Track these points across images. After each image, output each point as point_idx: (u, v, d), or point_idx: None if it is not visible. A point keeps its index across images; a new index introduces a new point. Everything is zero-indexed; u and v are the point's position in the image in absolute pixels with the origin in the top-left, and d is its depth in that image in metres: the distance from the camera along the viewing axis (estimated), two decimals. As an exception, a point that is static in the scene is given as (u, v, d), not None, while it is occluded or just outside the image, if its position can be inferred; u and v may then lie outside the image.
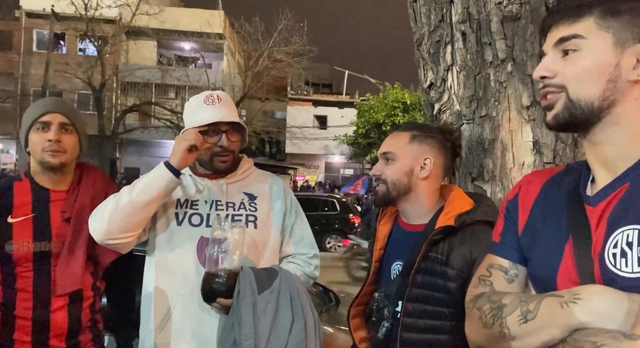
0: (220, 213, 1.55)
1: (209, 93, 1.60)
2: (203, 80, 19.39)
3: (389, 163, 1.40)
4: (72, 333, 1.56)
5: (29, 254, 1.52)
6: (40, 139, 1.55)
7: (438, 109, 1.62)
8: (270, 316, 1.37)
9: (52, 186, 1.61)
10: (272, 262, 1.60)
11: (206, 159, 1.58)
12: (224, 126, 1.55)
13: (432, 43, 1.60)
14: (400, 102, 20.29)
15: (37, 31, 21.58)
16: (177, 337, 1.47)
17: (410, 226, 1.43)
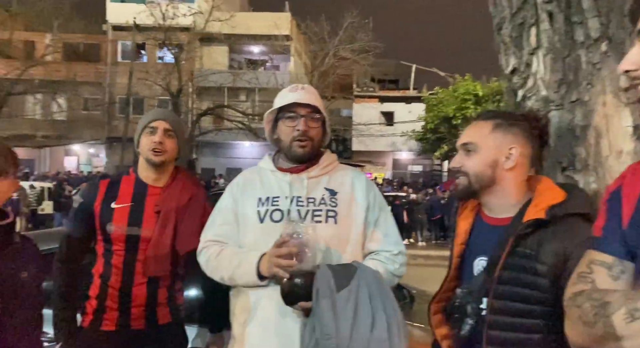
0: (297, 210, 1.53)
1: (295, 84, 1.66)
2: (272, 82, 19.92)
3: (470, 154, 1.33)
4: (150, 306, 1.83)
5: (123, 236, 1.81)
6: (148, 140, 1.85)
7: (522, 95, 1.53)
8: (351, 315, 1.33)
9: (151, 182, 1.89)
10: (354, 259, 1.53)
11: (286, 145, 1.58)
12: (302, 110, 1.55)
13: (515, 26, 1.51)
14: (472, 94, 19.48)
15: (121, 43, 23.30)
16: (262, 331, 1.49)
17: (495, 220, 1.36)
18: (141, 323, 1.82)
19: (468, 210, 1.46)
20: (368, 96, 25.68)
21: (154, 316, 1.84)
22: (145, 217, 1.83)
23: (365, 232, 1.58)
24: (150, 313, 1.83)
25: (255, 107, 22.35)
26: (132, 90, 19.78)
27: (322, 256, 1.49)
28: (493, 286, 1.25)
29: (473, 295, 1.34)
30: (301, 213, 1.52)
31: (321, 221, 1.52)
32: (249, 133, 19.70)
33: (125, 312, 1.81)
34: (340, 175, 1.62)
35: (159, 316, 1.85)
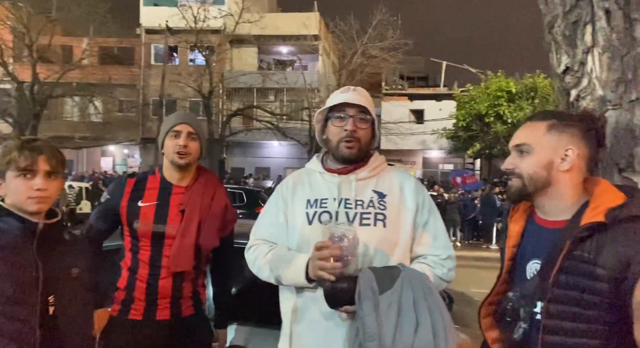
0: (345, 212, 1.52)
1: (347, 86, 1.65)
2: (300, 81, 20.00)
3: (524, 156, 1.31)
4: (175, 298, 1.93)
5: (149, 233, 1.90)
6: (172, 143, 1.92)
7: (576, 95, 1.49)
8: (394, 317, 1.32)
9: (176, 182, 1.98)
10: (403, 262, 1.51)
11: (334, 145, 1.58)
12: (351, 111, 1.55)
13: (568, 24, 1.48)
14: (505, 91, 19.02)
15: (154, 46, 23.87)
16: (310, 332, 1.50)
17: (549, 222, 1.33)
18: (166, 314, 1.91)
19: (520, 212, 1.44)
20: (397, 94, 25.43)
21: (179, 308, 1.93)
22: (170, 215, 1.92)
23: (414, 235, 1.55)
24: (175, 305, 1.93)
25: (283, 107, 22.51)
26: (164, 92, 20.23)
27: (370, 259, 1.48)
28: (548, 290, 1.23)
29: (526, 299, 1.32)
30: (349, 215, 1.51)
31: (369, 224, 1.50)
32: (278, 133, 19.86)
33: (151, 303, 1.90)
34: (389, 177, 1.60)
35: (183, 308, 1.95)
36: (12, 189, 1.39)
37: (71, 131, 22.79)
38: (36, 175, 1.40)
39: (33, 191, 1.39)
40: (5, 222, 1.39)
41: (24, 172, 1.39)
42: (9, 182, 1.40)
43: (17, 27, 18.75)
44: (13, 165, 1.39)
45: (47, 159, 1.41)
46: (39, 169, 1.40)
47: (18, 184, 1.39)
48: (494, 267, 1.60)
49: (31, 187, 1.39)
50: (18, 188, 1.39)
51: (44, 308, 1.37)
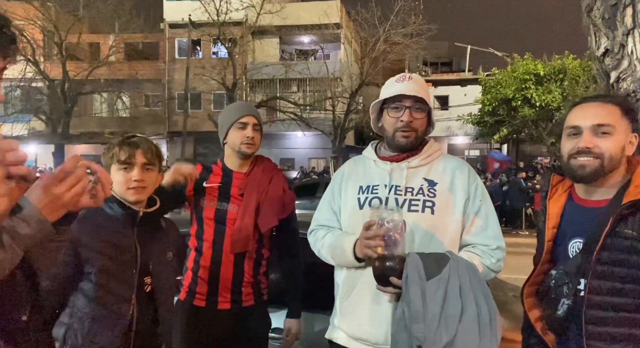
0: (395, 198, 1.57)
1: (403, 74, 1.68)
2: (323, 71, 19.96)
3: (604, 136, 1.30)
4: (236, 283, 2.01)
5: (213, 211, 2.02)
6: (239, 134, 2.03)
7: (616, 76, 1.51)
8: (439, 303, 1.36)
9: (236, 169, 2.11)
10: (451, 250, 1.55)
11: (390, 135, 1.62)
12: (408, 101, 1.58)
13: (607, 7, 1.50)
14: (532, 74, 18.57)
15: (178, 40, 24.17)
16: (357, 309, 1.58)
17: (591, 202, 1.37)
18: (227, 303, 2.00)
19: (559, 193, 1.47)
20: (421, 81, 25.11)
21: (239, 297, 2.01)
22: (232, 198, 2.04)
23: (464, 223, 1.57)
24: (236, 293, 2.01)
25: (307, 97, 22.54)
26: (189, 86, 20.53)
27: (417, 245, 1.53)
28: (592, 266, 1.27)
29: (569, 276, 1.36)
30: (398, 201, 1.56)
31: (418, 210, 1.54)
32: (302, 123, 19.94)
33: (213, 288, 1.99)
34: (441, 166, 1.63)
35: (244, 298, 2.02)
36: (115, 181, 1.56)
37: (100, 127, 23.38)
38: (134, 168, 1.57)
39: (131, 182, 1.56)
40: (111, 208, 1.58)
41: (124, 165, 1.56)
42: (113, 174, 1.57)
43: (47, 26, 19.32)
44: (115, 159, 1.57)
45: (143, 152, 1.58)
46: (136, 161, 1.57)
47: (119, 176, 1.57)
48: (524, 253, 1.63)
49: (130, 179, 1.56)
50: (119, 180, 1.57)
51: (140, 287, 1.56)
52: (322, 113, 20.74)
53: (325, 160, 22.83)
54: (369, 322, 1.55)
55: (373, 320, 1.54)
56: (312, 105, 21.06)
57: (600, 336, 1.28)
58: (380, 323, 1.53)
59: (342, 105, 20.08)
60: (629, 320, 1.26)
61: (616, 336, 1.26)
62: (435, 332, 1.33)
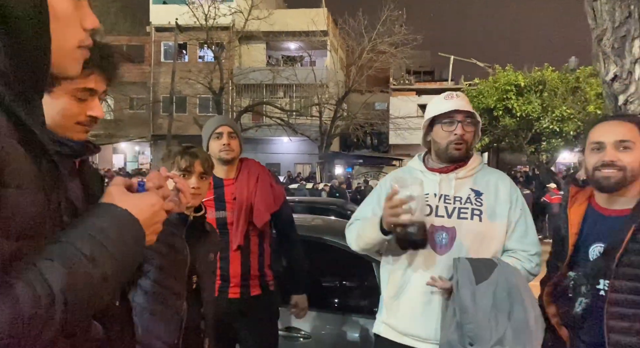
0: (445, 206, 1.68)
1: (449, 92, 1.83)
2: (310, 77, 20.16)
3: (626, 151, 1.45)
4: (244, 276, 2.22)
5: (214, 219, 2.17)
6: (217, 144, 2.25)
7: (624, 99, 1.71)
8: (489, 304, 1.48)
9: (224, 176, 2.29)
10: (496, 255, 1.68)
11: (442, 147, 1.74)
12: (459, 116, 1.71)
13: (617, 38, 1.70)
14: (513, 85, 19.11)
15: (164, 43, 24.08)
16: (410, 306, 1.71)
17: (613, 211, 1.53)
18: (237, 293, 2.21)
19: (579, 202, 1.63)
20: (405, 89, 25.57)
21: (247, 288, 2.23)
22: (227, 205, 2.24)
23: (507, 230, 1.70)
24: (244, 285, 2.22)
25: (293, 103, 22.68)
26: (175, 89, 20.46)
27: (467, 249, 1.66)
28: (613, 268, 1.44)
29: (588, 277, 1.52)
30: (448, 209, 1.70)
31: (467, 218, 1.68)
32: (288, 129, 20.06)
33: (224, 282, 2.19)
34: (486, 177, 1.77)
35: (251, 288, 2.24)
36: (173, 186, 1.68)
37: (83, 129, 22.99)
38: (192, 176, 1.70)
39: (189, 188, 1.64)
40: None
41: (183, 173, 1.68)
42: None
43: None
44: (176, 166, 1.69)
45: (201, 162, 1.71)
46: (195, 170, 1.70)
47: None
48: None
49: (188, 185, 1.63)
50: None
51: (189, 285, 1.67)
52: (309, 119, 20.90)
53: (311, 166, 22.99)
54: (421, 319, 1.68)
55: (424, 317, 1.68)
56: (298, 111, 21.21)
57: (620, 329, 1.44)
58: (430, 321, 1.66)
59: (329, 111, 20.29)
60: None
61: (634, 330, 1.42)
62: (486, 330, 1.47)
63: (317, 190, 14.61)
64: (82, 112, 1.06)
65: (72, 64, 0.74)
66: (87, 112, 1.06)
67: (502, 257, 1.71)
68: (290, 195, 13.35)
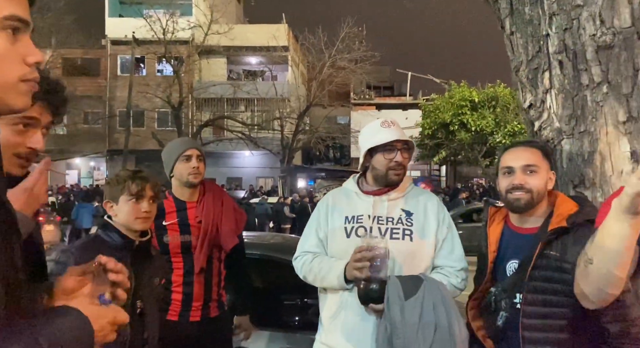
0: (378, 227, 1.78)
1: (384, 119, 1.91)
2: (271, 92, 20.23)
3: (532, 175, 1.58)
4: (206, 300, 2.23)
5: (178, 244, 2.18)
6: (185, 166, 2.22)
7: (539, 126, 1.85)
8: (417, 319, 1.56)
9: (187, 199, 2.28)
10: (427, 273, 1.76)
11: (382, 173, 1.81)
12: (398, 144, 1.79)
13: (530, 70, 1.84)
14: (468, 101, 19.86)
15: (120, 57, 23.58)
16: (345, 327, 1.76)
17: (524, 229, 1.65)
18: (197, 316, 2.22)
19: (496, 222, 1.75)
20: (365, 104, 26.07)
21: (207, 310, 2.24)
22: (192, 228, 2.22)
23: (435, 248, 1.80)
24: (205, 308, 2.22)
25: (254, 117, 22.66)
26: (132, 103, 20.04)
27: (399, 268, 1.74)
28: (526, 282, 1.55)
29: (507, 292, 1.63)
30: (381, 230, 1.77)
31: (399, 238, 1.76)
32: (249, 143, 19.99)
33: (186, 307, 2.19)
34: (415, 197, 1.86)
35: (211, 310, 2.25)
36: (123, 211, 1.69)
37: (34, 144, 22.10)
38: (144, 200, 1.70)
39: (141, 213, 1.69)
40: (110, 237, 1.70)
41: (134, 197, 1.69)
42: (122, 205, 1.69)
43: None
44: (126, 191, 1.69)
45: (152, 186, 1.72)
46: (146, 194, 1.71)
47: (128, 207, 1.69)
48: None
49: (139, 210, 1.69)
50: (128, 210, 1.69)
51: (133, 309, 1.67)
52: (270, 133, 20.93)
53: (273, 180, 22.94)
54: (357, 337, 1.74)
55: (360, 335, 1.74)
56: (260, 125, 21.20)
57: (534, 340, 1.54)
58: (366, 338, 1.72)
59: (290, 125, 20.39)
60: (557, 326, 1.54)
61: (547, 340, 1.53)
62: (414, 344, 1.55)
63: (280, 203, 14.57)
64: (22, 143, 1.04)
65: (16, 97, 0.74)
66: (27, 143, 1.04)
67: (431, 273, 1.80)
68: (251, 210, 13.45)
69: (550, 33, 1.74)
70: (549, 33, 1.75)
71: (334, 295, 1.82)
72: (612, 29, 1.62)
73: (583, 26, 1.66)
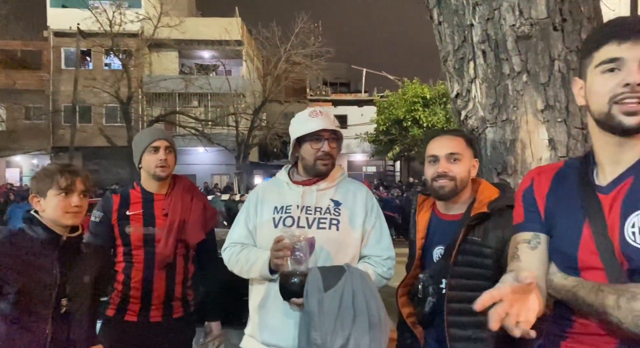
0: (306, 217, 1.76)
1: (313, 109, 1.89)
2: (225, 87, 19.85)
3: (456, 162, 1.62)
4: (167, 298, 2.11)
5: (141, 235, 2.09)
6: (152, 158, 2.12)
7: (465, 115, 1.89)
8: (335, 310, 1.54)
9: (155, 191, 2.19)
10: (355, 262, 1.76)
11: (310, 163, 1.81)
12: (326, 134, 1.78)
13: (457, 60, 1.87)
14: (420, 97, 20.30)
15: (64, 49, 22.39)
16: (270, 317, 1.74)
17: (449, 216, 1.69)
18: (159, 316, 2.11)
19: (424, 210, 1.79)
20: (322, 100, 26.11)
21: (170, 310, 2.13)
22: (157, 220, 2.13)
23: (362, 237, 1.80)
24: (167, 307, 2.12)
25: (208, 113, 22.18)
26: (78, 98, 19.13)
27: (324, 258, 1.72)
28: (450, 268, 1.58)
29: (434, 278, 1.66)
30: (309, 220, 1.76)
31: (325, 228, 1.75)
32: (203, 139, 19.55)
33: (146, 305, 2.08)
34: (345, 188, 1.86)
35: (174, 310, 2.14)
36: (52, 205, 1.61)
37: (-30, 141, 20.77)
38: (74, 194, 1.62)
39: (71, 207, 1.62)
40: (35, 232, 1.62)
41: (64, 191, 1.60)
42: (50, 199, 1.61)
43: None
44: (55, 185, 1.60)
45: (82, 180, 1.65)
46: (76, 188, 1.63)
47: (57, 201, 1.61)
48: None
49: (69, 204, 1.62)
50: (57, 204, 1.61)
51: (57, 307, 1.61)
52: (225, 129, 20.56)
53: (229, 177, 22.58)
54: (280, 329, 1.72)
55: (284, 327, 1.71)
56: (214, 120, 20.78)
57: (457, 324, 1.58)
58: (289, 330, 1.70)
59: (246, 121, 20.11)
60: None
61: (469, 324, 1.57)
62: (331, 337, 1.53)
63: (233, 201, 14.36)
64: None
65: None
66: None
67: (358, 263, 1.80)
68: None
69: (474, 23, 1.78)
70: (473, 23, 1.78)
71: (260, 286, 1.79)
72: (530, 20, 1.67)
73: (504, 16, 1.71)
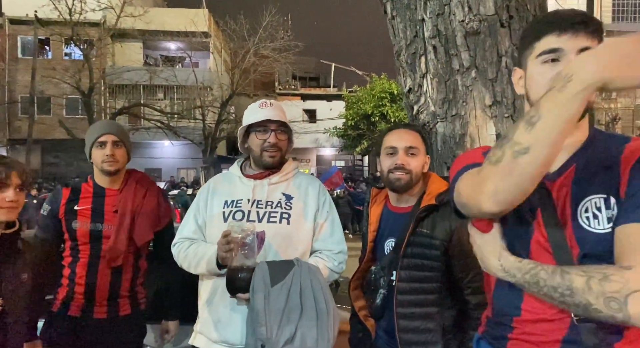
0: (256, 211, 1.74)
1: (264, 100, 1.87)
2: (191, 79, 19.46)
3: (413, 157, 1.64)
4: (113, 296, 2.06)
5: (87, 232, 2.04)
6: (100, 153, 2.06)
7: (417, 110, 1.91)
8: (282, 306, 1.52)
9: (108, 186, 2.13)
10: (306, 256, 1.75)
11: (257, 155, 1.79)
12: (272, 125, 1.77)
13: (409, 54, 1.88)
14: (388, 93, 20.49)
15: (21, 37, 21.44)
16: (218, 314, 1.72)
17: (400, 209, 1.71)
18: (103, 313, 2.04)
19: (377, 203, 1.80)
20: (290, 94, 26.00)
21: (116, 307, 2.06)
22: (106, 216, 2.07)
23: (314, 232, 1.80)
24: (112, 305, 2.06)
25: (174, 105, 21.70)
26: (36, 89, 18.34)
27: (274, 253, 1.71)
28: (400, 260, 1.60)
29: (385, 270, 1.68)
30: (259, 214, 1.74)
31: (276, 222, 1.73)
32: (169, 132, 19.13)
33: (90, 301, 2.03)
34: (297, 182, 1.85)
35: (120, 308, 2.07)
36: None
37: None
38: (9, 188, 1.56)
39: (5, 202, 1.55)
40: None
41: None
42: None
43: None
44: None
45: (18, 174, 1.58)
46: (12, 182, 1.56)
47: None
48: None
49: (3, 199, 1.55)
50: None
51: None
52: (192, 122, 20.16)
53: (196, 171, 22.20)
54: (228, 325, 1.70)
55: (232, 323, 1.69)
56: (180, 113, 20.33)
57: (406, 316, 1.60)
58: (236, 326, 1.68)
59: (213, 114, 19.78)
60: (427, 301, 1.60)
61: (418, 314, 1.60)
62: (277, 332, 1.50)
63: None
64: None
65: None
66: None
67: (310, 257, 1.80)
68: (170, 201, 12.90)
69: (425, 18, 1.79)
70: (424, 18, 1.80)
71: (208, 281, 1.76)
72: (479, 16, 1.70)
73: (453, 12, 1.73)
